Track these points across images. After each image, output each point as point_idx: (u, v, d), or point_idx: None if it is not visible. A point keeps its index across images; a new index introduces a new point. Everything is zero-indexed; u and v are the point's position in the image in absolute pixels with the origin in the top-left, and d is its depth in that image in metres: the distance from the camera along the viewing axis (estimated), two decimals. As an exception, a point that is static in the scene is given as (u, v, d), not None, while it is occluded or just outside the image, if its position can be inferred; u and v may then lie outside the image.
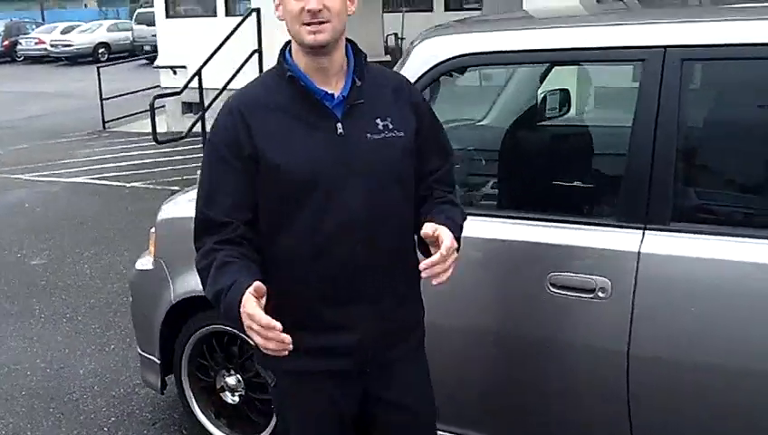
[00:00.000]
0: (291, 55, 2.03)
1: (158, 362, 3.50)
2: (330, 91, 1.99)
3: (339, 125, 1.97)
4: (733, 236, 2.30)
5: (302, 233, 1.98)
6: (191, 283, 3.21)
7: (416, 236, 2.09)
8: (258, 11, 10.01)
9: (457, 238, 1.98)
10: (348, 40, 2.05)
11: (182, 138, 9.03)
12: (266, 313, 1.74)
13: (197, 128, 9.04)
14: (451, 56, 2.64)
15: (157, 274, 3.41)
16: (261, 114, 1.97)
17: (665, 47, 2.33)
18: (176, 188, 8.76)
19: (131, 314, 3.75)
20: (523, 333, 2.58)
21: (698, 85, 2.35)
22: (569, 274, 2.45)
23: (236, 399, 3.37)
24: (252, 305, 1.74)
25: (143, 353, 3.61)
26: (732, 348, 2.27)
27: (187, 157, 10.10)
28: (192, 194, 3.71)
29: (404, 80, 2.19)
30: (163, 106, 10.69)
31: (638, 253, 2.35)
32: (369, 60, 2.07)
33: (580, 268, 2.44)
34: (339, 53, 2.00)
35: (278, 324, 1.72)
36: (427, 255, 1.94)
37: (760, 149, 2.41)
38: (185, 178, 9.16)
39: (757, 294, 2.23)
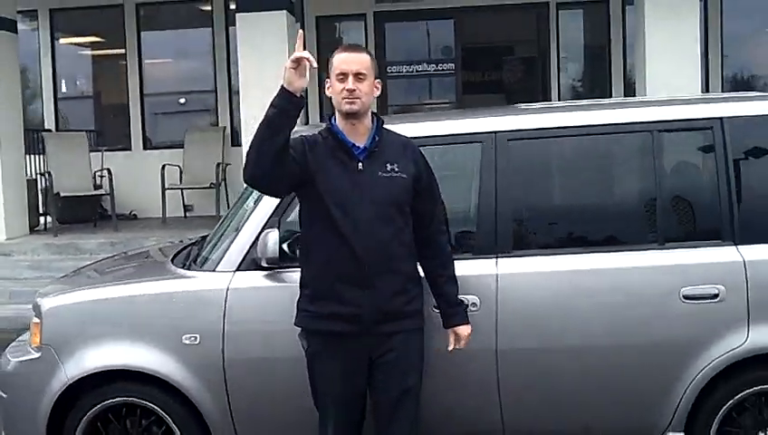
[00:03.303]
0: (336, 118, 3.04)
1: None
2: (357, 143, 2.96)
3: (359, 164, 2.96)
4: (556, 254, 3.45)
5: (330, 230, 2.92)
6: (85, 363, 3.54)
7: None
8: None
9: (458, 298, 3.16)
10: (372, 112, 3.00)
11: None
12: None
13: None
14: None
15: (44, 361, 3.59)
16: (315, 148, 2.99)
17: (495, 132, 3.45)
18: None
19: (3, 411, 3.75)
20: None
21: (521, 155, 3.46)
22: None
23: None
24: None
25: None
26: (566, 332, 3.33)
27: None
28: (69, 286, 3.97)
29: (410, 141, 3.11)
30: None
31: (496, 274, 3.34)
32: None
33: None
34: (366, 118, 3.01)
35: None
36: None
37: (565, 194, 3.66)
38: None
39: (572, 291, 3.35)
